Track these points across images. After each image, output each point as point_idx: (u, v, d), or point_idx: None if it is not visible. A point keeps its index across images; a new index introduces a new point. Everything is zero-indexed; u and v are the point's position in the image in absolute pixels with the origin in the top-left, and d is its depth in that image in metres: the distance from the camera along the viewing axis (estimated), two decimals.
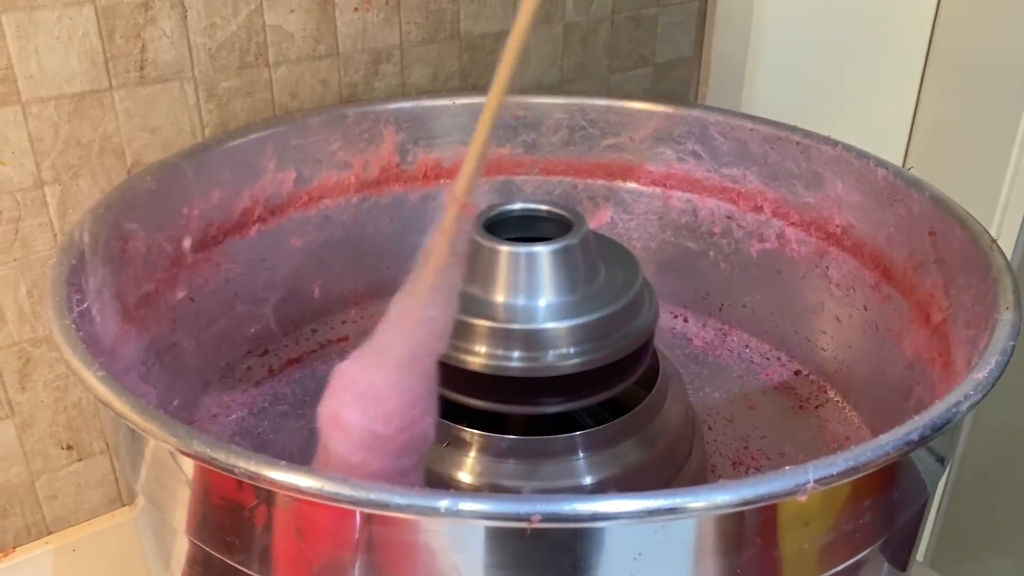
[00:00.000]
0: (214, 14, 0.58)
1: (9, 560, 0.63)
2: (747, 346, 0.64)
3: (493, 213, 0.48)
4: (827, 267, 0.58)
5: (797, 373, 0.61)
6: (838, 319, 0.58)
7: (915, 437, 0.30)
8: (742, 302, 0.65)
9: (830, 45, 0.90)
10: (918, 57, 0.93)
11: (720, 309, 0.66)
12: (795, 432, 0.57)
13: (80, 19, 0.53)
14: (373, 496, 0.28)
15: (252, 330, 0.62)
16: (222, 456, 0.30)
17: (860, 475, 0.29)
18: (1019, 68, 0.83)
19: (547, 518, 0.27)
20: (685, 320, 0.67)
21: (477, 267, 0.46)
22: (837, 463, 0.29)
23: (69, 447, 0.62)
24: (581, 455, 0.47)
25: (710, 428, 0.57)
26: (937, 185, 0.51)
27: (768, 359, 0.63)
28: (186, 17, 0.57)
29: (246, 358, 0.62)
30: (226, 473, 0.30)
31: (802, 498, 0.28)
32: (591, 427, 0.51)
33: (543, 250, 0.46)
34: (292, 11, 0.61)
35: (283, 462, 0.31)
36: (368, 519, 0.32)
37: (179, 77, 0.58)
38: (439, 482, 0.46)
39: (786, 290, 0.62)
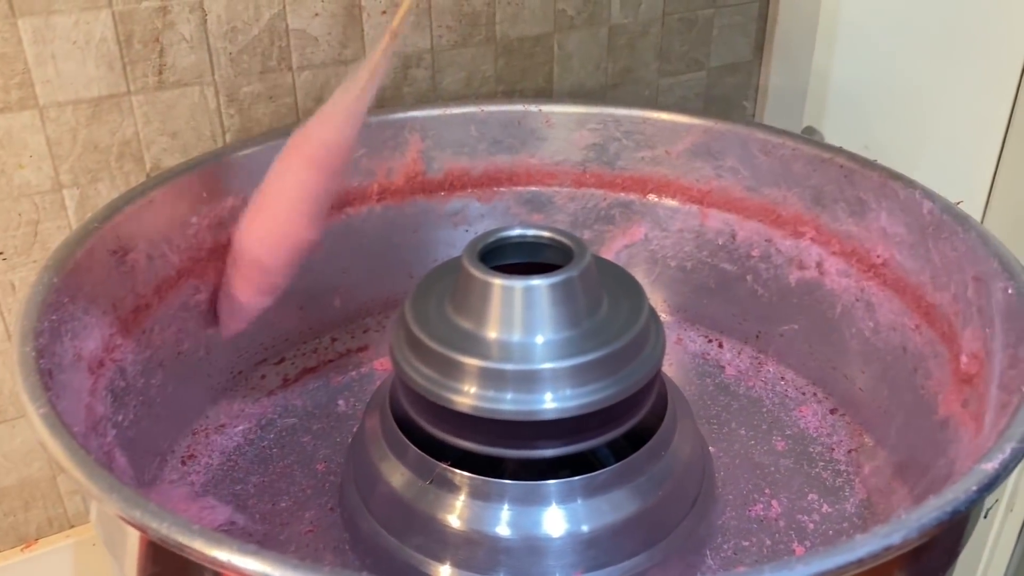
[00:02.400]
0: (235, 18, 0.57)
1: (31, 551, 0.64)
2: (782, 378, 0.60)
3: (490, 240, 0.45)
4: (868, 302, 0.54)
5: (833, 412, 0.57)
6: (877, 359, 0.54)
7: (896, 540, 0.27)
8: (779, 331, 0.61)
9: (911, 50, 0.84)
10: (1015, 66, 0.85)
11: (757, 337, 0.62)
12: (823, 479, 0.53)
13: (97, 24, 0.53)
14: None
15: (268, 338, 0.61)
16: (155, 524, 0.29)
17: None
18: None
19: None
20: (720, 345, 0.63)
21: (470, 300, 0.43)
22: (797, 569, 0.26)
23: None
24: (579, 500, 0.44)
25: (730, 468, 0.54)
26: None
27: (804, 394, 0.59)
28: (206, 21, 0.56)
29: (261, 366, 0.61)
30: (160, 543, 0.29)
31: None
32: (596, 463, 0.49)
33: (540, 283, 0.43)
34: (316, 15, 0.59)
35: (216, 534, 0.28)
36: None
37: (199, 82, 0.57)
38: (425, 524, 0.44)
39: (825, 322, 0.57)
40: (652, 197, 0.63)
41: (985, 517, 1.01)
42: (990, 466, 0.30)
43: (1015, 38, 0.80)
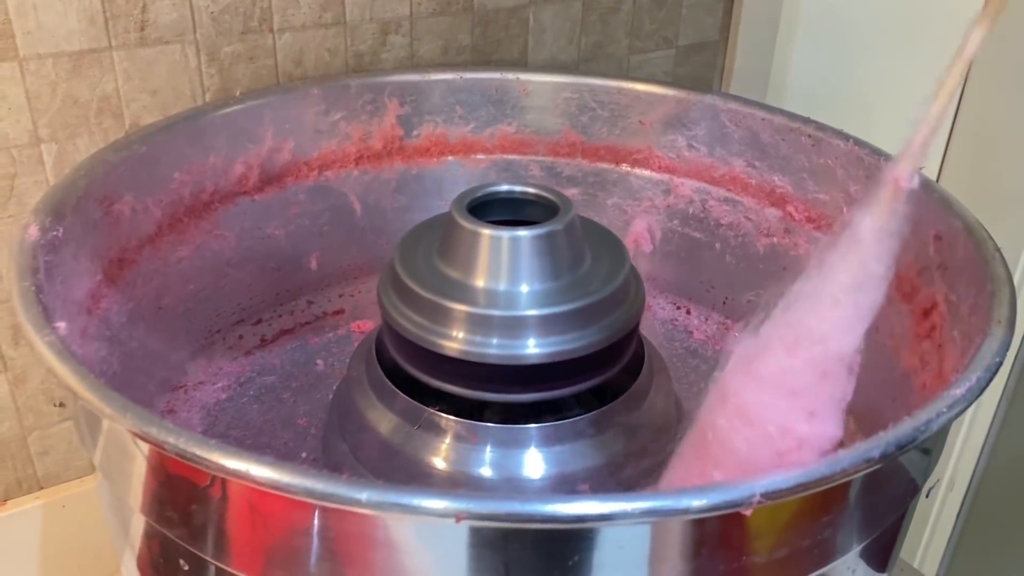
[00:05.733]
0: None
1: (0, 512, 0.63)
2: None
3: (478, 194, 0.46)
4: None
5: None
6: None
7: (875, 455, 0.29)
8: (746, 297, 0.63)
9: (867, 33, 0.87)
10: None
11: (724, 303, 0.64)
12: None
13: None
14: (298, 482, 0.27)
15: (245, 299, 0.61)
16: (172, 439, 0.30)
17: (813, 491, 0.28)
18: None
19: (472, 516, 0.26)
20: (688, 312, 0.65)
21: (458, 250, 0.45)
22: (787, 478, 0.27)
23: (61, 404, 0.63)
24: (557, 446, 0.46)
25: None
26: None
27: None
28: None
29: (238, 326, 0.61)
30: (177, 457, 0.30)
31: (747, 512, 0.27)
32: (576, 410, 0.50)
33: (526, 234, 0.44)
34: None
35: (234, 448, 0.30)
36: (321, 508, 0.31)
37: (180, 40, 0.57)
38: (411, 466, 0.45)
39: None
40: (625, 167, 0.65)
41: (927, 496, 1.06)
42: (958, 391, 0.32)
43: (966, 20, 0.84)
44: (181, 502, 0.32)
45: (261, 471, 0.27)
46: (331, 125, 0.61)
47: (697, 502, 0.27)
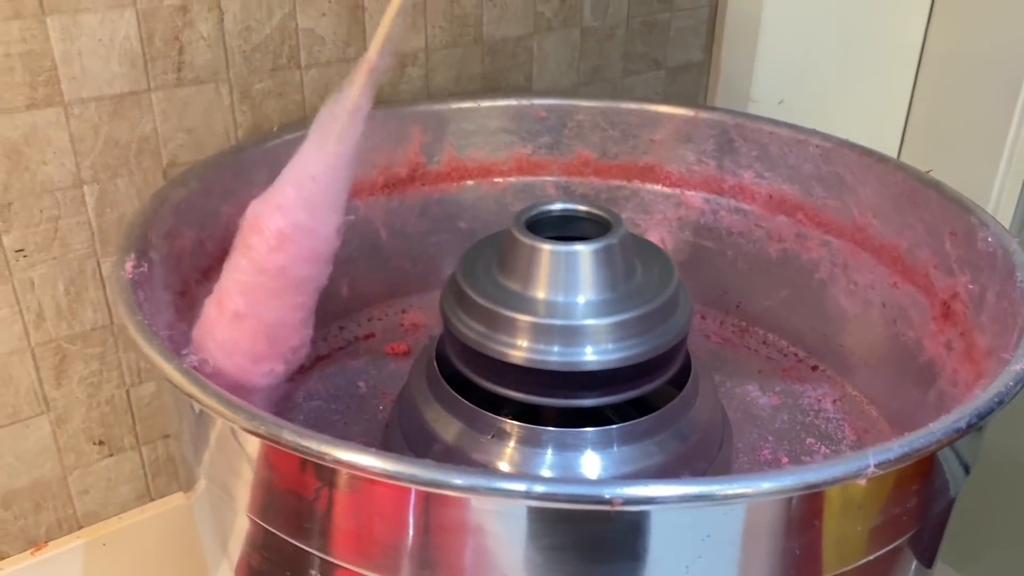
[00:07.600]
0: (249, 17, 0.59)
1: (41, 554, 0.63)
2: (764, 342, 0.66)
3: (533, 212, 0.49)
4: (846, 266, 0.60)
5: (815, 369, 0.63)
6: (856, 316, 0.60)
7: (963, 424, 0.32)
8: (760, 300, 0.66)
9: (831, 51, 0.93)
10: (911, 61, 0.96)
11: (737, 307, 0.68)
12: (815, 425, 0.59)
13: (122, 22, 0.54)
14: (462, 480, 0.29)
15: None
16: (294, 438, 0.32)
17: (912, 460, 0.31)
18: (1010, 69, 0.86)
19: (629, 501, 0.28)
20: (703, 317, 0.69)
21: (518, 264, 0.47)
22: (894, 448, 0.31)
23: (101, 442, 0.63)
24: (616, 448, 0.49)
25: (734, 421, 0.59)
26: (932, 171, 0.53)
27: (786, 355, 0.65)
28: (223, 20, 0.58)
29: None
30: (296, 453, 0.32)
31: (862, 481, 0.30)
32: (617, 422, 0.53)
33: (584, 249, 0.47)
34: (323, 15, 0.62)
35: (350, 443, 0.32)
36: (427, 499, 0.33)
37: (215, 79, 0.59)
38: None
39: (804, 289, 0.63)
40: (636, 182, 0.69)
41: None
42: (1019, 367, 0.36)
43: (913, 35, 0.91)
44: (294, 504, 0.34)
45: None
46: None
47: (819, 476, 0.30)
